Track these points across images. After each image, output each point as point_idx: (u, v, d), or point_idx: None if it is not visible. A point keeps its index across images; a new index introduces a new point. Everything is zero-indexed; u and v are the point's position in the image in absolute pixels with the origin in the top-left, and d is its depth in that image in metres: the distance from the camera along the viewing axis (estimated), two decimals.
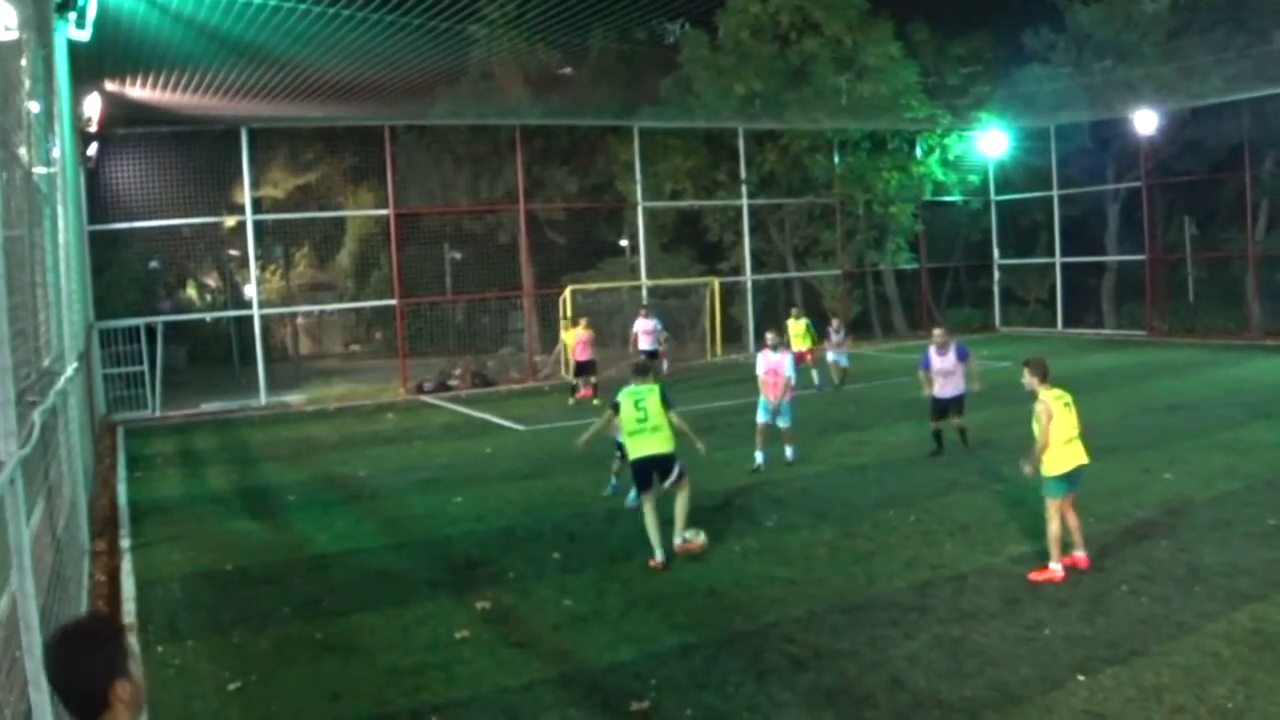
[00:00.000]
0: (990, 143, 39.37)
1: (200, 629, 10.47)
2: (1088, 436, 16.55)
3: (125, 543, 14.17)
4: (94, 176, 27.54)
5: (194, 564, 12.96)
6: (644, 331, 27.22)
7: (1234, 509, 12.99)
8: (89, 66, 20.09)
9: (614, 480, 15.53)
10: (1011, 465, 15.91)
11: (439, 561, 12.62)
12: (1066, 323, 39.08)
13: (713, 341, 34.48)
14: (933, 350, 17.43)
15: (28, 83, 10.24)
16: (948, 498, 14.37)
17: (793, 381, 16.75)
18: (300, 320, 44.39)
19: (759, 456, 16.74)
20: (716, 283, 35.25)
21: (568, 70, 32.36)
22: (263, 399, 28.20)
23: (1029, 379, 11.06)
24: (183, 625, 10.61)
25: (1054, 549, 10.67)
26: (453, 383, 30.32)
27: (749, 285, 36.73)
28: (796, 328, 26.33)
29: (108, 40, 18.01)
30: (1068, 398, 10.94)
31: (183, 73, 21.62)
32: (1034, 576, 10.60)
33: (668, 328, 29.79)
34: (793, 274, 40.28)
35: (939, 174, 39.49)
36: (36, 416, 7.22)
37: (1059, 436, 10.69)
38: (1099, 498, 13.80)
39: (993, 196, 41.27)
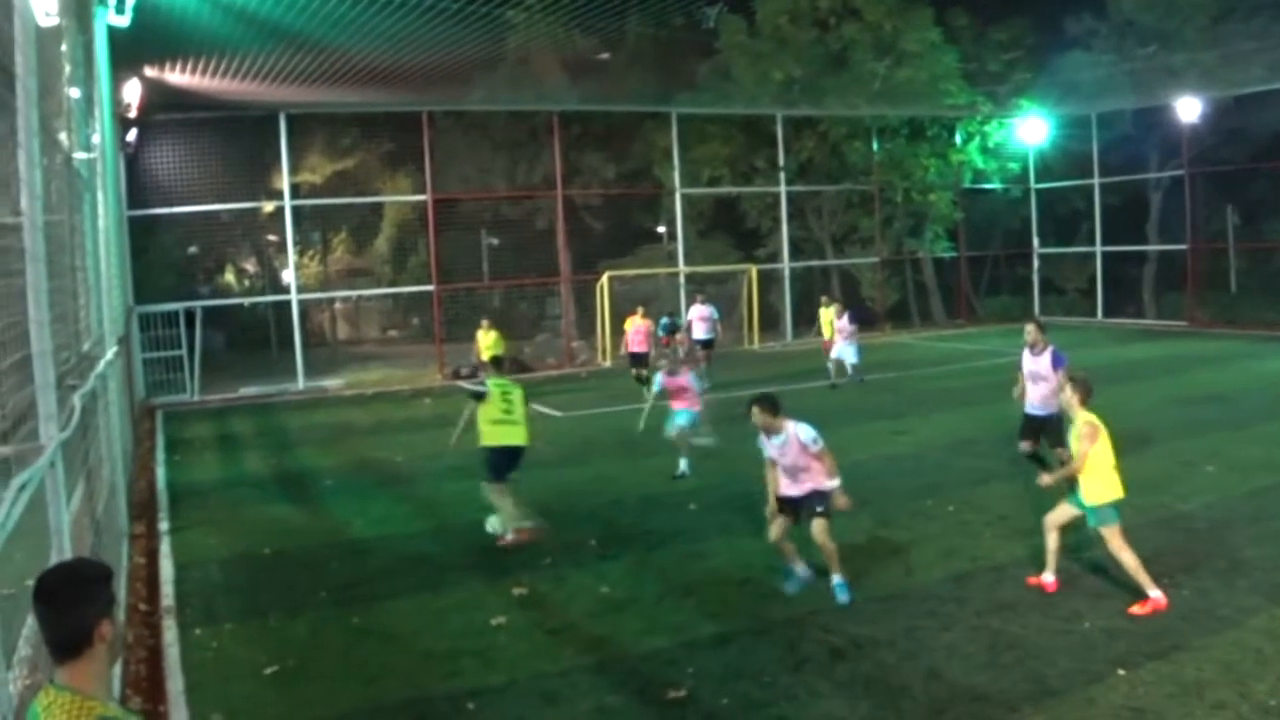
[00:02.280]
0: (1030, 130, 39.03)
1: (237, 613, 10.52)
2: (1126, 428, 16.44)
3: (163, 526, 14.26)
4: (133, 162, 27.70)
5: (231, 548, 13.03)
6: (700, 318, 26.79)
7: (1275, 502, 12.84)
8: (128, 52, 20.18)
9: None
10: (1047, 455, 15.85)
11: (474, 547, 12.62)
12: (1106, 312, 38.75)
13: (750, 329, 34.38)
14: (1026, 350, 14.84)
15: (68, 68, 10.29)
16: (986, 488, 14.27)
17: (701, 390, 16.49)
18: (338, 305, 44.67)
19: (683, 464, 15.93)
20: (754, 270, 35.15)
21: (605, 56, 32.30)
22: (300, 384, 28.32)
23: (1069, 397, 10.20)
24: (220, 609, 10.67)
25: (1142, 578, 9.52)
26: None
27: (786, 273, 36.61)
28: (827, 314, 26.51)
29: (147, 26, 18.08)
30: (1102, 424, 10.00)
31: (221, 58, 21.71)
32: (1135, 611, 9.36)
33: (722, 317, 29.55)
34: (830, 261, 40.15)
35: (978, 161, 39.25)
36: (76, 400, 7.26)
37: (1108, 461, 9.89)
38: (1137, 490, 13.64)
39: (1033, 184, 40.93)
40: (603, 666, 8.79)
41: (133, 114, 24.67)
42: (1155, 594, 9.46)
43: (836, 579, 10.06)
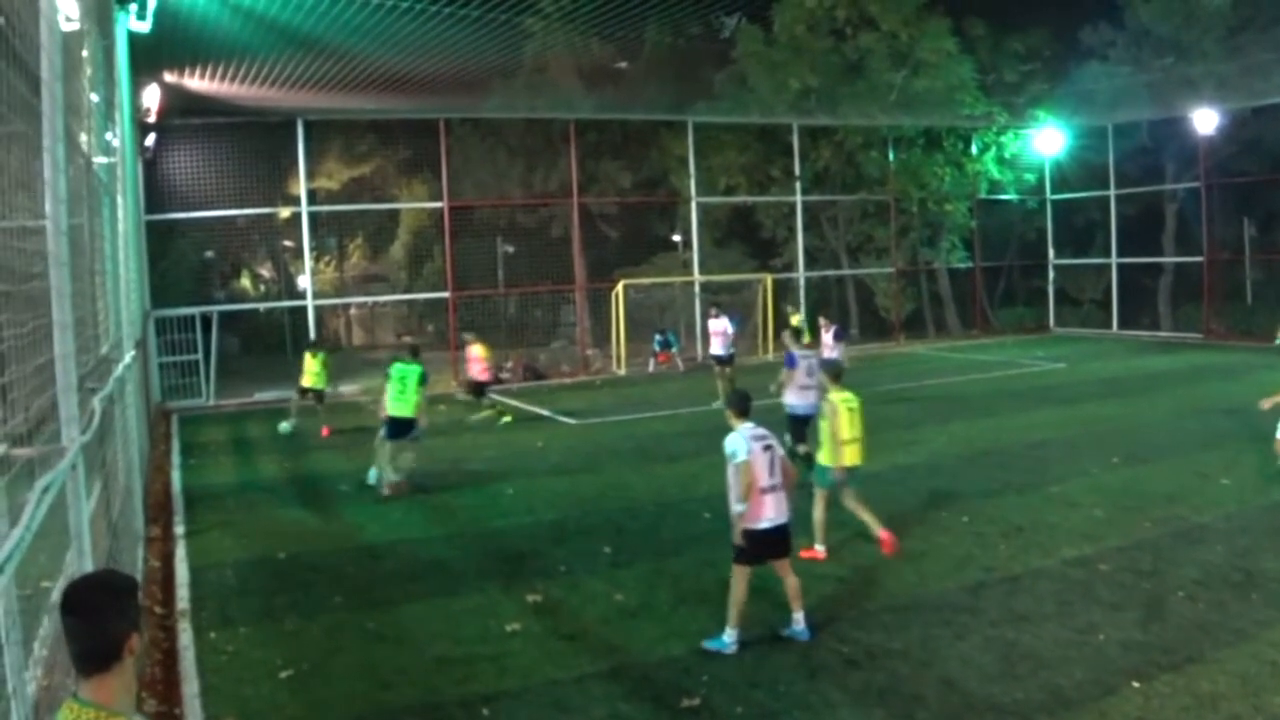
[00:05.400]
0: (1047, 140, 38.98)
1: (252, 616, 10.56)
2: (1141, 439, 16.43)
3: (179, 529, 14.31)
4: (152, 166, 27.79)
5: (246, 551, 13.07)
6: (715, 333, 26.50)
7: None
8: (148, 57, 20.28)
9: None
10: (1063, 466, 15.86)
11: (489, 553, 12.67)
12: (1122, 324, 38.63)
13: (764, 338, 34.35)
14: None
15: (89, 72, 10.34)
16: (1000, 498, 14.25)
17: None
18: (353, 311, 44.73)
19: (373, 474, 16.57)
20: (769, 279, 35.11)
21: (622, 64, 32.35)
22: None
23: (825, 379, 12.65)
24: (235, 612, 10.70)
25: (819, 533, 11.87)
26: (504, 375, 30.39)
27: (802, 282, 36.52)
28: (794, 322, 28.05)
29: (167, 32, 18.19)
30: (854, 403, 12.00)
31: (240, 64, 21.81)
32: (803, 554, 11.49)
33: (738, 326, 29.48)
34: (846, 271, 40.12)
35: (994, 171, 39.20)
36: (96, 403, 7.29)
37: (838, 435, 11.78)
38: (1154, 502, 13.66)
39: (1048, 195, 40.88)
40: (617, 673, 8.81)
41: (152, 119, 24.75)
42: (820, 548, 11.81)
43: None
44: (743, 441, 9.20)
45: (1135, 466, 15.88)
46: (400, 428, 16.16)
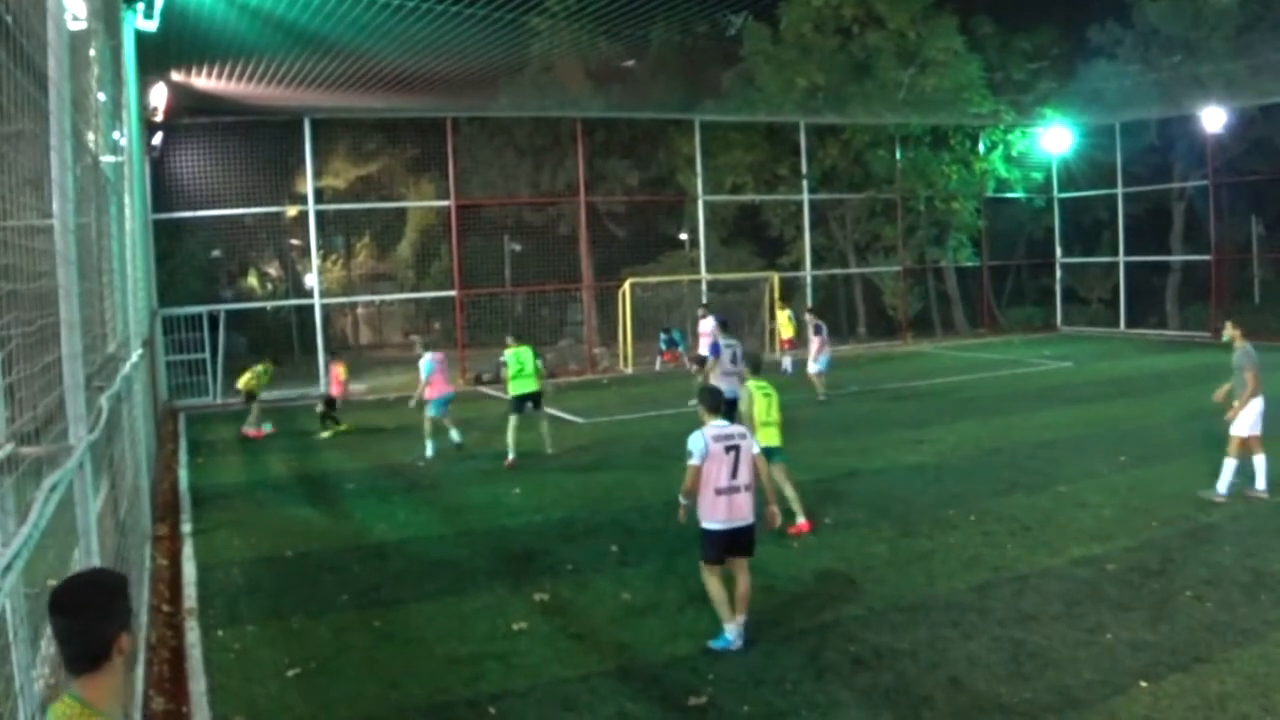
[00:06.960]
0: (1054, 139, 38.91)
1: (260, 614, 10.57)
2: (1149, 439, 16.43)
3: (186, 528, 14.33)
4: (159, 165, 27.82)
5: (254, 550, 13.09)
6: (704, 334, 26.47)
7: None
8: (155, 56, 20.30)
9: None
10: (1071, 465, 15.83)
11: (497, 552, 12.66)
12: (1129, 323, 38.52)
13: (771, 337, 34.31)
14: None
15: (96, 71, 10.35)
16: (1009, 498, 14.22)
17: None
18: (360, 310, 44.75)
19: (430, 446, 19.07)
20: (776, 278, 35.10)
21: (630, 63, 32.31)
22: (322, 387, 28.33)
23: (745, 369, 13.87)
24: (243, 610, 10.72)
25: (796, 507, 12.91)
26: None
27: (809, 280, 36.49)
28: (781, 318, 29.74)
29: (174, 31, 18.21)
30: (769, 390, 13.02)
31: (247, 63, 21.83)
32: (791, 530, 12.59)
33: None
34: (853, 270, 40.09)
35: (1002, 170, 39.10)
36: (104, 402, 7.28)
37: (759, 419, 12.70)
38: (1162, 501, 13.63)
39: (1056, 193, 40.79)
40: (624, 672, 8.80)
41: (159, 118, 24.78)
42: (801, 520, 12.81)
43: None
44: (702, 442, 9.12)
45: (1143, 466, 15.85)
46: (526, 402, 18.27)
